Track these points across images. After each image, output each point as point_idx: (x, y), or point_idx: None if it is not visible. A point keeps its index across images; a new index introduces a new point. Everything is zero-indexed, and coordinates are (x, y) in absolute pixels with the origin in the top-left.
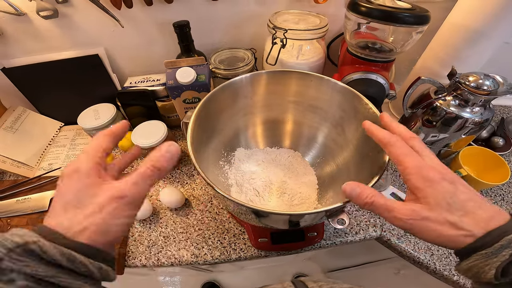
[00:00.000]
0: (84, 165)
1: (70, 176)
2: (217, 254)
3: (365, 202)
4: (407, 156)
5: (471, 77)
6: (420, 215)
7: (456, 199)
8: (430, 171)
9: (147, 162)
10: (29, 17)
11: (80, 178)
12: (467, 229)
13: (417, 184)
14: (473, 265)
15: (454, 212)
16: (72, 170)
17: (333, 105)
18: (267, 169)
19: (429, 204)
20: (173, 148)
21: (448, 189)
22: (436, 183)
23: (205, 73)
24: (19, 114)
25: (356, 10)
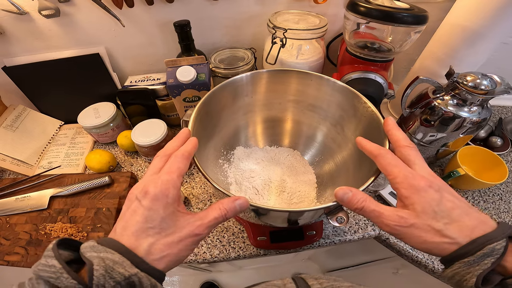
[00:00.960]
0: (171, 191)
1: (158, 199)
2: (216, 253)
3: (355, 207)
4: (395, 166)
5: (469, 77)
6: (407, 222)
7: (442, 207)
8: (417, 180)
9: (221, 210)
10: (31, 16)
11: (167, 206)
12: (451, 237)
13: (405, 192)
14: (455, 272)
15: (439, 219)
16: (161, 194)
17: (332, 104)
18: (266, 167)
19: (416, 211)
20: (244, 205)
21: (434, 197)
22: (423, 191)
23: (205, 72)
24: (20, 113)
25: (355, 10)
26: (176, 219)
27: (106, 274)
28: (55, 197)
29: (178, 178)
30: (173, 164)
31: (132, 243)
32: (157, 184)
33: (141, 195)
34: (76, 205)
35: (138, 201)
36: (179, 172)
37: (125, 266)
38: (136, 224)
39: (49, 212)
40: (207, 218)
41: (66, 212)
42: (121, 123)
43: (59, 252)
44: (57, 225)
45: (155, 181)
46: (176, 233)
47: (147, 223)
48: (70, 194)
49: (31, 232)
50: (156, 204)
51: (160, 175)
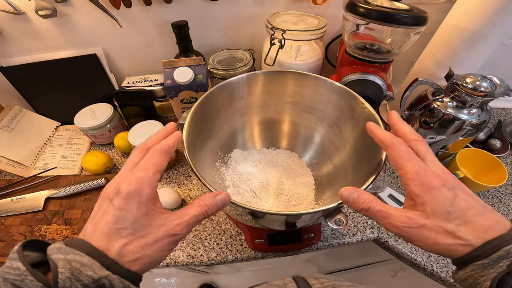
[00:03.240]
0: (145, 190)
1: (131, 198)
2: (213, 255)
3: (361, 207)
4: (408, 160)
5: (469, 79)
6: (417, 223)
7: (456, 206)
8: (430, 177)
9: (201, 206)
10: (28, 16)
11: (141, 206)
12: (464, 239)
13: (416, 190)
14: (469, 275)
15: (452, 220)
16: (134, 192)
17: (329, 105)
18: (264, 170)
19: (426, 212)
20: (226, 200)
21: (448, 196)
22: (436, 190)
23: (203, 73)
24: (16, 113)
25: (354, 11)
26: (151, 219)
27: (73, 277)
28: (50, 199)
29: (154, 175)
30: (150, 160)
31: (103, 244)
32: (130, 182)
33: (113, 194)
34: (71, 207)
35: (110, 200)
36: (155, 169)
37: (94, 268)
38: (107, 224)
39: (44, 214)
40: (186, 216)
41: (61, 214)
42: (118, 124)
43: (24, 254)
44: (52, 227)
45: (129, 178)
46: (151, 234)
47: (118, 224)
48: (66, 196)
49: (26, 233)
50: (129, 203)
51: (134, 171)
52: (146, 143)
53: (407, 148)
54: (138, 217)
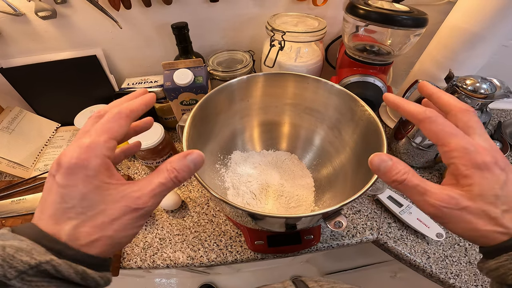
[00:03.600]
0: (93, 160)
1: (74, 172)
2: (213, 257)
3: (394, 179)
4: (452, 135)
5: (468, 81)
6: (459, 204)
7: (506, 191)
8: (481, 155)
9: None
10: (28, 18)
11: (88, 179)
12: (506, 226)
13: (463, 169)
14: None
15: (498, 205)
16: (77, 165)
17: (329, 107)
18: (263, 172)
19: (472, 193)
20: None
21: (499, 178)
22: (487, 170)
23: (203, 75)
24: (16, 115)
25: (354, 13)
26: (105, 193)
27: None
28: None
29: (106, 142)
30: (103, 125)
31: (52, 227)
32: (73, 153)
33: (54, 168)
34: None
35: (53, 177)
36: (109, 135)
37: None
38: (53, 205)
39: None
40: (150, 185)
41: None
42: None
43: None
44: None
45: (73, 147)
46: (106, 210)
47: (64, 203)
48: None
49: None
50: (72, 178)
51: (81, 139)
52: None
53: (447, 121)
54: (87, 192)
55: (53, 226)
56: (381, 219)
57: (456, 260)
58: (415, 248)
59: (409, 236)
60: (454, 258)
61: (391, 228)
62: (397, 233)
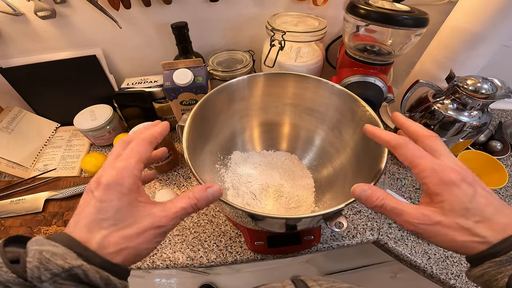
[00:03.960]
0: (126, 179)
1: (111, 188)
2: (213, 257)
3: (375, 204)
4: (421, 158)
5: (470, 81)
6: (432, 220)
7: (475, 203)
8: (448, 173)
9: (190, 199)
10: (27, 17)
11: (122, 195)
12: (482, 235)
13: (434, 188)
14: (485, 272)
15: (469, 217)
16: (114, 183)
17: (330, 107)
18: (263, 172)
19: (443, 209)
20: (217, 194)
21: (467, 192)
22: (454, 186)
23: (203, 75)
24: (15, 115)
25: (355, 13)
26: (135, 209)
27: (41, 266)
28: (50, 200)
29: (136, 164)
30: (132, 149)
31: (84, 236)
32: (111, 173)
33: (94, 186)
34: (71, 209)
35: (91, 192)
36: (138, 158)
37: (67, 258)
38: (88, 216)
39: (44, 215)
40: (173, 209)
41: (61, 216)
42: (117, 125)
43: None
44: (52, 228)
45: (109, 169)
46: (134, 224)
47: (99, 214)
48: (66, 197)
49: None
50: (109, 194)
51: (115, 162)
52: (128, 135)
53: (417, 145)
54: (120, 207)
55: (86, 234)
56: (381, 219)
57: (456, 261)
58: (415, 248)
59: (410, 236)
60: (454, 258)
61: (392, 229)
62: (398, 234)
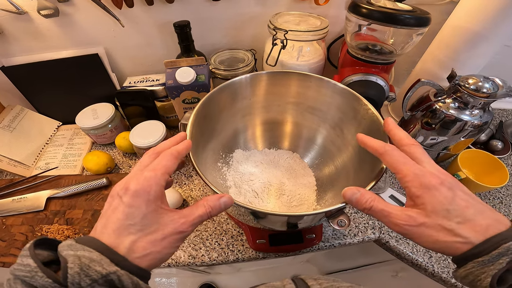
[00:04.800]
0: (153, 188)
1: (139, 196)
2: (215, 256)
3: (363, 207)
4: (404, 164)
5: (471, 80)
6: (416, 221)
7: (455, 205)
8: (428, 177)
9: (206, 207)
10: (30, 16)
11: (149, 203)
12: (464, 236)
13: (415, 191)
14: (469, 272)
15: (451, 218)
16: (143, 191)
17: (332, 106)
18: (265, 170)
19: (426, 210)
20: (229, 203)
21: (446, 195)
22: (434, 189)
23: (205, 74)
24: (17, 113)
25: (357, 12)
26: (159, 216)
27: (82, 272)
28: (51, 199)
29: (162, 175)
30: (160, 162)
31: (113, 241)
32: (139, 181)
33: (122, 191)
34: (73, 207)
35: (119, 198)
36: (164, 170)
37: (103, 264)
38: (117, 221)
39: (46, 214)
40: (192, 216)
41: (62, 214)
42: (119, 124)
43: (35, 252)
44: (54, 227)
45: (138, 177)
46: (159, 230)
47: (128, 220)
48: (67, 196)
49: (27, 233)
50: (137, 200)
51: (144, 171)
52: (157, 147)
53: (401, 153)
54: (147, 214)
55: (115, 239)
56: None
57: None
58: (417, 247)
59: None
60: None
61: None
62: None
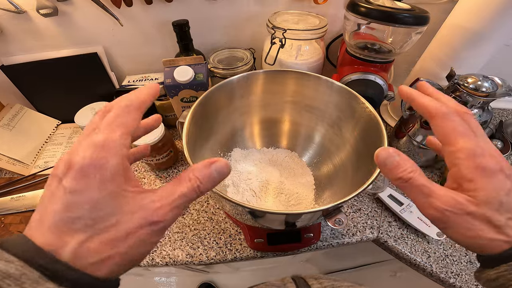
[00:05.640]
0: (110, 160)
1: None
2: (213, 255)
3: (399, 176)
4: (463, 135)
5: (470, 79)
6: (464, 209)
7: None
8: (487, 159)
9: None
10: (29, 15)
11: (103, 183)
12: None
13: (467, 172)
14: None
15: (503, 213)
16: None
17: (330, 104)
18: (264, 169)
19: (477, 199)
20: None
21: (505, 185)
22: (492, 176)
23: (203, 72)
24: (16, 112)
25: (355, 11)
26: (121, 202)
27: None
28: None
29: (121, 138)
30: (114, 119)
31: (51, 242)
32: (86, 151)
33: (63, 170)
34: None
35: (59, 180)
36: (122, 130)
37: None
38: (55, 214)
39: None
40: (172, 196)
41: None
42: None
43: None
44: None
45: (84, 146)
46: (121, 223)
47: (70, 212)
48: None
49: None
50: (84, 182)
51: (92, 135)
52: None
53: (461, 120)
54: (100, 200)
55: (53, 240)
56: (381, 217)
57: (456, 259)
58: (415, 247)
59: (410, 235)
60: (454, 257)
61: (392, 227)
62: (398, 232)
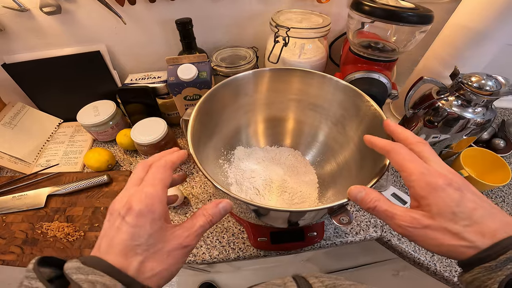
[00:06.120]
0: (157, 207)
1: (143, 216)
2: (216, 254)
3: (368, 206)
4: (410, 162)
5: (474, 78)
6: (421, 223)
7: (463, 207)
8: (435, 177)
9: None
10: (32, 13)
11: (154, 222)
12: (469, 240)
13: (420, 191)
14: (475, 277)
15: (458, 221)
16: (147, 210)
17: (333, 103)
18: (267, 167)
19: (431, 212)
20: (228, 207)
21: (454, 197)
22: (441, 190)
23: (207, 70)
24: (18, 110)
25: (359, 9)
26: (163, 233)
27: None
28: (52, 196)
29: (162, 191)
30: (155, 175)
31: (121, 262)
32: (141, 199)
33: (124, 210)
34: (73, 204)
35: (122, 217)
36: (162, 184)
37: None
38: (123, 242)
39: (46, 211)
40: (194, 228)
41: (63, 211)
42: (120, 121)
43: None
44: (54, 224)
45: (138, 194)
46: (164, 248)
47: (134, 241)
48: (68, 193)
49: (27, 231)
50: (142, 220)
51: (143, 187)
52: (148, 160)
53: (409, 151)
54: (153, 233)
55: (123, 261)
56: None
57: None
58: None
59: None
60: None
61: None
62: None
